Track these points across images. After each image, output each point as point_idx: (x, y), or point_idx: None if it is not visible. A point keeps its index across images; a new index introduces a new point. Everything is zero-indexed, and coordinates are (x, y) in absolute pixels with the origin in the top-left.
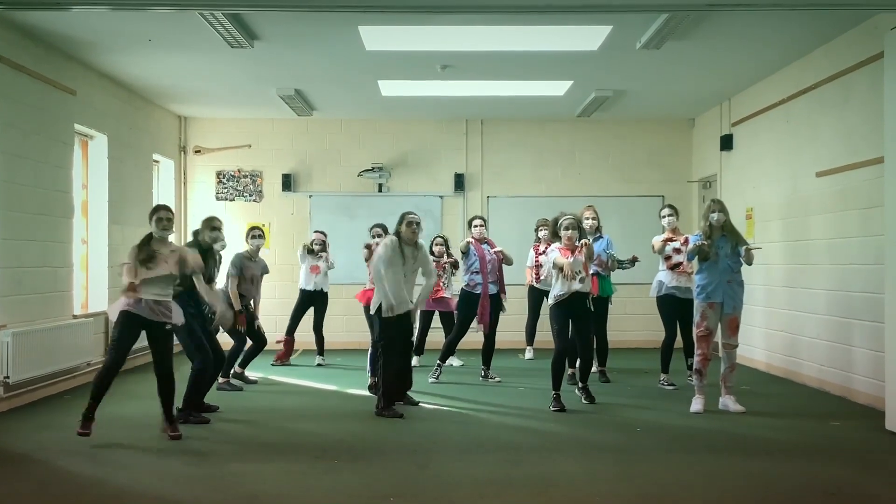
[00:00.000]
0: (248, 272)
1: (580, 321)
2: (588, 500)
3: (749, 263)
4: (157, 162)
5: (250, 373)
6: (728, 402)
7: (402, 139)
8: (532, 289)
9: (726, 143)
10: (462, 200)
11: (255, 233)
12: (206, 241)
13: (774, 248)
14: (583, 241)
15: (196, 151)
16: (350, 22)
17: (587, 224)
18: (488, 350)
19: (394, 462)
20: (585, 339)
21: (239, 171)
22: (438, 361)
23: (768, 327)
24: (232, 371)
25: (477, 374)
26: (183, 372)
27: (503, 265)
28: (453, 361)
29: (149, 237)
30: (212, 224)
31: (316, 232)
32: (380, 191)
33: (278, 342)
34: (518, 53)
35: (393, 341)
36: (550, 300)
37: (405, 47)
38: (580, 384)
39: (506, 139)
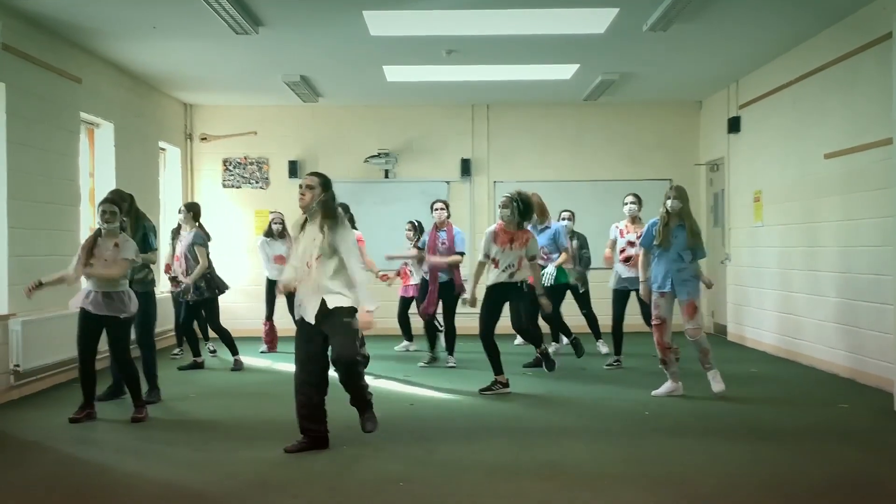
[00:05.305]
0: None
1: (515, 305)
2: (596, 482)
3: (707, 285)
4: (163, 150)
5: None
6: (710, 379)
7: (409, 125)
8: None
9: (734, 125)
10: (469, 186)
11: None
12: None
13: (782, 231)
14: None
15: (202, 139)
16: (354, 7)
17: None
18: (448, 336)
19: (402, 448)
20: (520, 321)
21: (245, 158)
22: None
23: (776, 310)
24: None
25: (481, 361)
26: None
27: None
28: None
29: (98, 231)
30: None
31: (272, 213)
32: (386, 177)
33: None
34: (524, 37)
35: None
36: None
37: (410, 32)
38: (538, 351)
39: (512, 124)
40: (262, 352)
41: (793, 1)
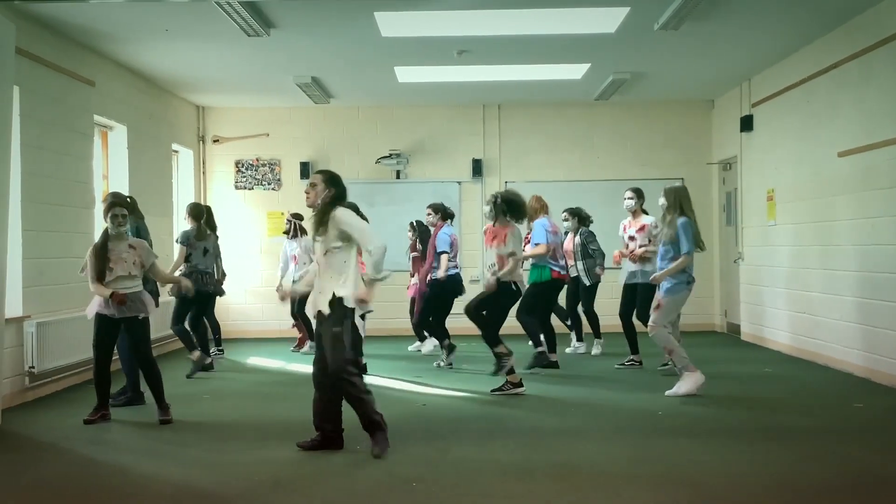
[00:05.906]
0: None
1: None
2: (608, 481)
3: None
4: (176, 152)
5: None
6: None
7: (420, 125)
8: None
9: (746, 124)
10: (480, 186)
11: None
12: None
13: (796, 230)
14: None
15: (214, 141)
16: (366, 8)
17: None
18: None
19: (415, 448)
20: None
21: (257, 159)
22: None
23: (790, 309)
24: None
25: (490, 362)
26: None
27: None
28: (421, 347)
29: (105, 236)
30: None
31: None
32: (398, 177)
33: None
34: (535, 37)
35: None
36: None
37: (421, 33)
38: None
39: (523, 124)
40: (292, 350)
41: None
